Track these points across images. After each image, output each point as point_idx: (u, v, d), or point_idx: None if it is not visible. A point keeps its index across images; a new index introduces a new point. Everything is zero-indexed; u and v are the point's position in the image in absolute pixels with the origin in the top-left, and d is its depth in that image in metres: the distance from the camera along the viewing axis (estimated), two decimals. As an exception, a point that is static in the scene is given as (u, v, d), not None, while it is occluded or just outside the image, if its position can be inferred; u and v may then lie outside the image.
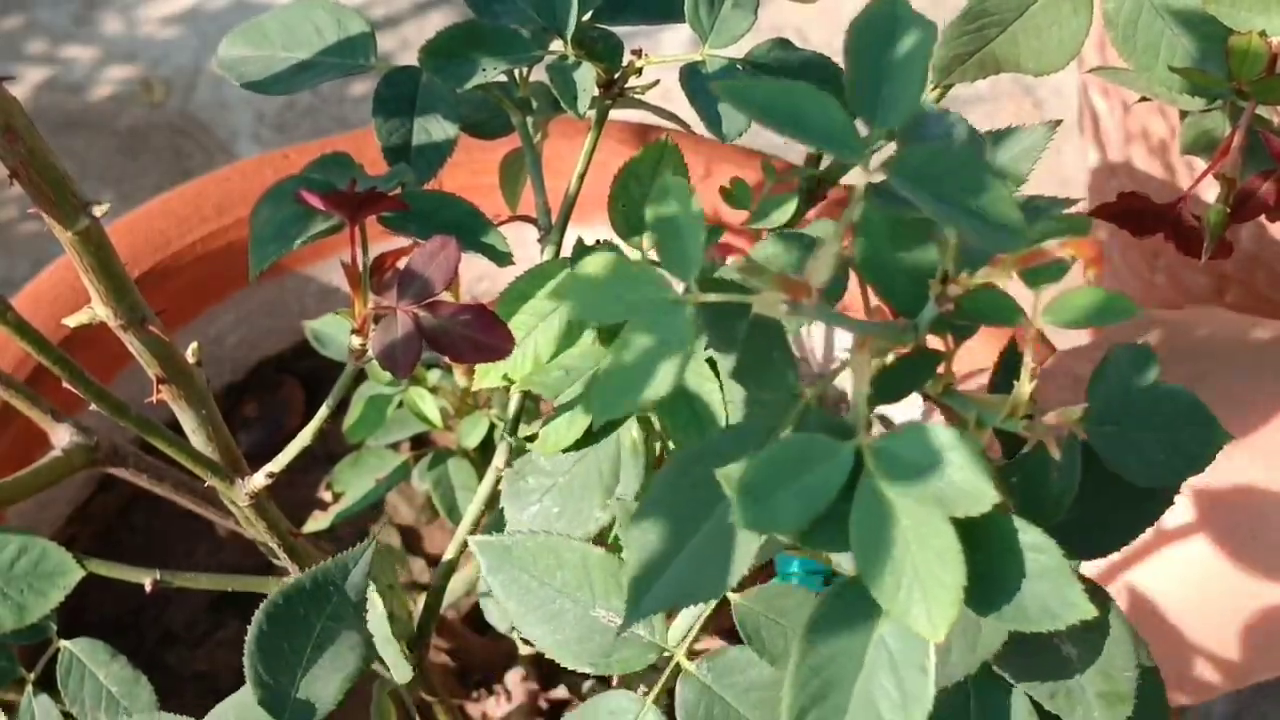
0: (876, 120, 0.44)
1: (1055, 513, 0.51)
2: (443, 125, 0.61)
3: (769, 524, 0.43)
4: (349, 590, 0.58)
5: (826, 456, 0.44)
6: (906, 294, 0.48)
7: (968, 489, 0.42)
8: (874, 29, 0.45)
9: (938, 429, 0.43)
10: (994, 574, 0.45)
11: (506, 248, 0.59)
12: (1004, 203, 0.43)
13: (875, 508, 0.43)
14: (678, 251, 0.44)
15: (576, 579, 0.59)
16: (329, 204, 0.54)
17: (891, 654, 0.46)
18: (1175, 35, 0.54)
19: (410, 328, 0.53)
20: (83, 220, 0.54)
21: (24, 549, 0.63)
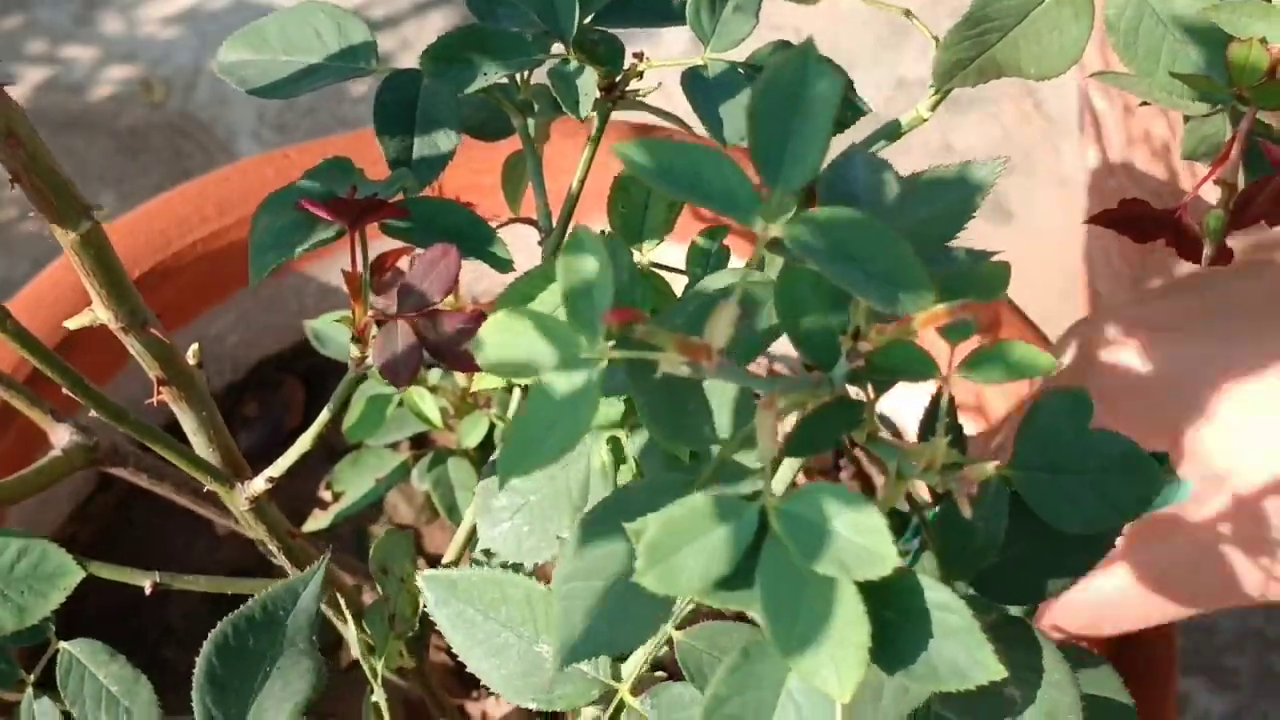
0: (780, 181, 0.44)
1: (979, 561, 0.51)
2: (445, 133, 0.61)
3: (672, 583, 0.43)
4: (299, 615, 0.58)
5: (731, 517, 0.44)
6: (820, 348, 0.48)
7: (869, 552, 0.42)
8: (780, 87, 0.45)
9: (840, 490, 0.43)
10: (901, 633, 0.45)
11: (507, 254, 0.59)
12: (907, 265, 0.43)
13: (780, 568, 0.43)
14: (585, 309, 0.43)
15: (521, 614, 0.59)
16: (329, 212, 0.54)
17: (800, 710, 0.46)
18: (1177, 41, 0.54)
19: (410, 337, 0.53)
20: (84, 224, 0.54)
21: (24, 551, 0.63)
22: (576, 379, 0.42)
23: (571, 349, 0.43)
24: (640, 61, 0.63)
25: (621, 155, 0.43)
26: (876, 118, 0.64)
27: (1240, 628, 1.22)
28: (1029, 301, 0.93)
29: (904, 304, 0.43)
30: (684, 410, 0.48)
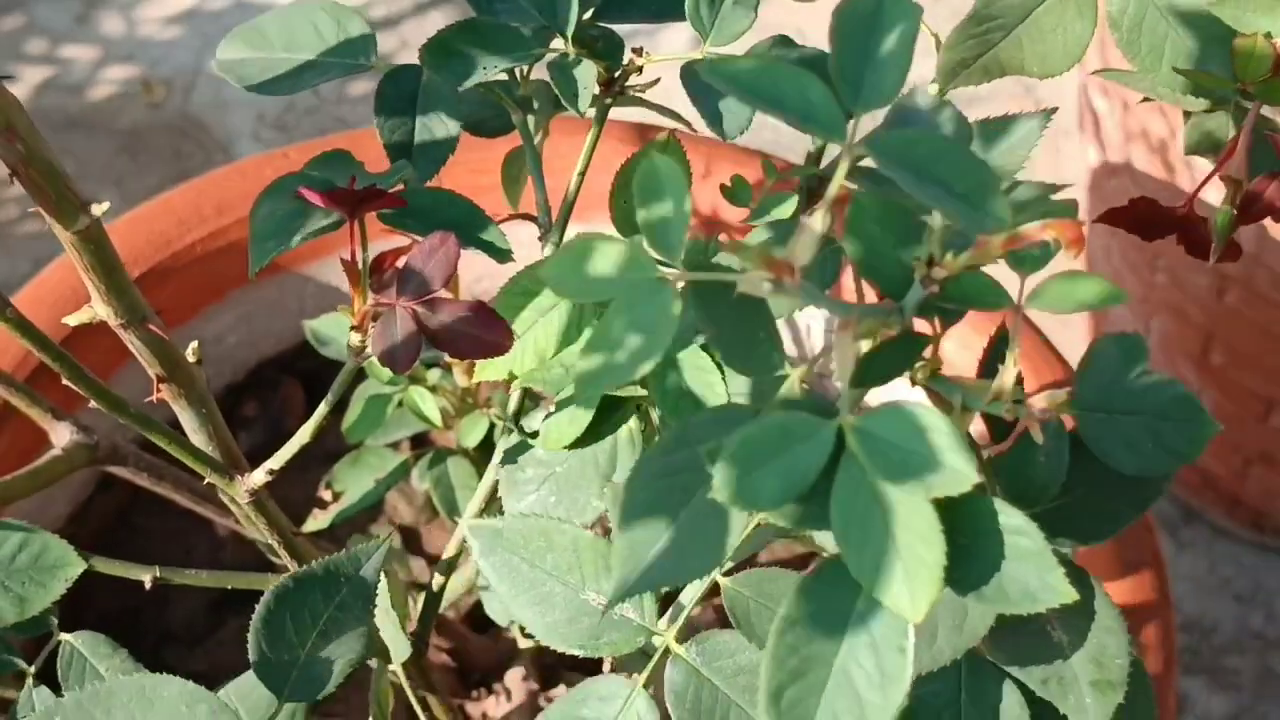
0: (859, 102, 0.45)
1: (1042, 498, 0.51)
2: (445, 123, 0.61)
3: (750, 500, 0.43)
4: (359, 582, 0.58)
5: (808, 435, 0.44)
6: (892, 277, 0.48)
7: (949, 470, 0.43)
8: (859, 13, 0.46)
9: (920, 409, 0.43)
10: (975, 555, 0.46)
11: (506, 245, 0.59)
12: (986, 186, 0.43)
13: (856, 487, 0.44)
14: (663, 231, 0.44)
15: (566, 562, 0.59)
16: (329, 200, 0.54)
17: (871, 634, 0.46)
18: (1179, 37, 0.54)
19: (410, 324, 0.53)
20: (82, 219, 0.54)
21: (25, 543, 0.63)
22: (656, 299, 0.43)
23: (650, 270, 0.43)
24: (639, 57, 0.63)
25: (707, 69, 0.44)
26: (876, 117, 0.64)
27: (1240, 628, 1.22)
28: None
29: (986, 223, 0.43)
30: (754, 338, 0.49)
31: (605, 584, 0.59)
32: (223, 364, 1.05)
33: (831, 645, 0.46)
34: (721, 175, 0.93)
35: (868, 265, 0.48)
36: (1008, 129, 0.55)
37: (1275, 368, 1.09)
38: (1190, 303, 1.10)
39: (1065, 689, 0.52)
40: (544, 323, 0.60)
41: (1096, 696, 0.52)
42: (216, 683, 0.96)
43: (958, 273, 0.46)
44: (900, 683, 0.45)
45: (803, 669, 0.46)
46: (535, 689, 0.92)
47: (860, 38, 0.45)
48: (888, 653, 0.46)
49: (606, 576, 0.59)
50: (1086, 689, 0.52)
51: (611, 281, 0.43)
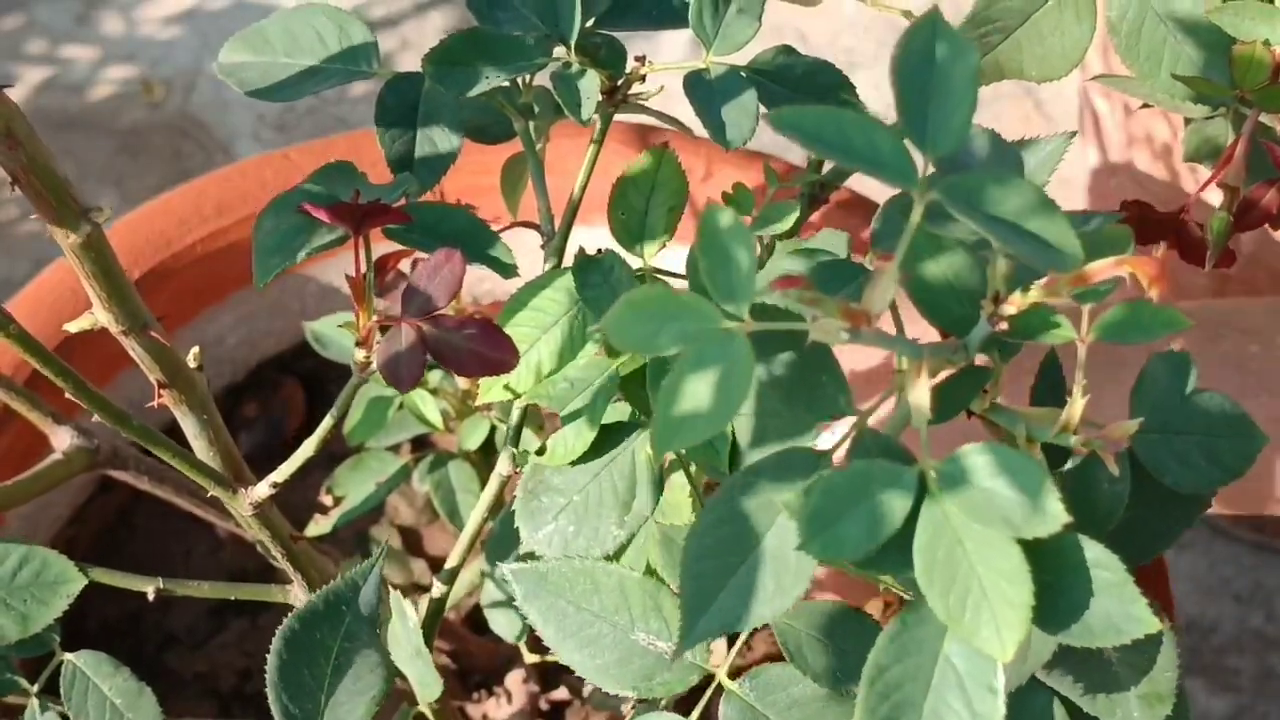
0: (926, 145, 0.45)
1: (1108, 523, 0.51)
2: (446, 134, 0.61)
3: (834, 551, 0.44)
4: (361, 607, 0.58)
5: (890, 482, 0.44)
6: (955, 315, 0.48)
7: (1039, 511, 0.43)
8: (914, 54, 0.45)
9: (1002, 450, 0.44)
10: (1060, 591, 0.46)
11: (511, 259, 0.59)
12: (1059, 225, 0.43)
13: (940, 531, 0.44)
14: (727, 280, 0.44)
15: (614, 603, 0.59)
16: (333, 217, 0.54)
17: (959, 674, 0.46)
18: (1178, 43, 0.54)
19: (414, 342, 0.53)
20: (84, 226, 0.54)
21: (26, 559, 0.63)
22: (724, 351, 0.43)
23: (715, 320, 0.43)
24: (642, 65, 0.63)
25: (774, 119, 0.43)
26: (878, 119, 0.64)
27: (1240, 628, 1.22)
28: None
29: (1061, 262, 0.43)
30: (818, 383, 0.49)
31: (655, 624, 0.59)
32: (223, 364, 1.05)
33: (920, 689, 0.46)
34: (722, 177, 0.93)
35: (929, 303, 0.48)
36: (1031, 150, 0.56)
37: (1275, 369, 1.09)
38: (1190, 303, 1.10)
39: (1114, 704, 0.52)
40: (546, 339, 0.60)
41: (1144, 710, 0.52)
42: (218, 684, 0.97)
43: (1025, 309, 0.46)
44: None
45: (894, 715, 0.46)
46: (536, 691, 0.92)
47: (920, 79, 0.45)
48: (977, 692, 0.46)
49: (656, 616, 0.59)
50: (1135, 703, 0.52)
51: (677, 335, 0.43)
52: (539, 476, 0.62)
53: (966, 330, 0.47)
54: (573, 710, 0.93)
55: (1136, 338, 0.46)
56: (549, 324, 0.60)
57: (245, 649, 0.98)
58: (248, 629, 0.98)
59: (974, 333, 0.47)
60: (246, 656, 0.98)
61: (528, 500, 0.62)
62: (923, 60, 0.45)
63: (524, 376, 0.60)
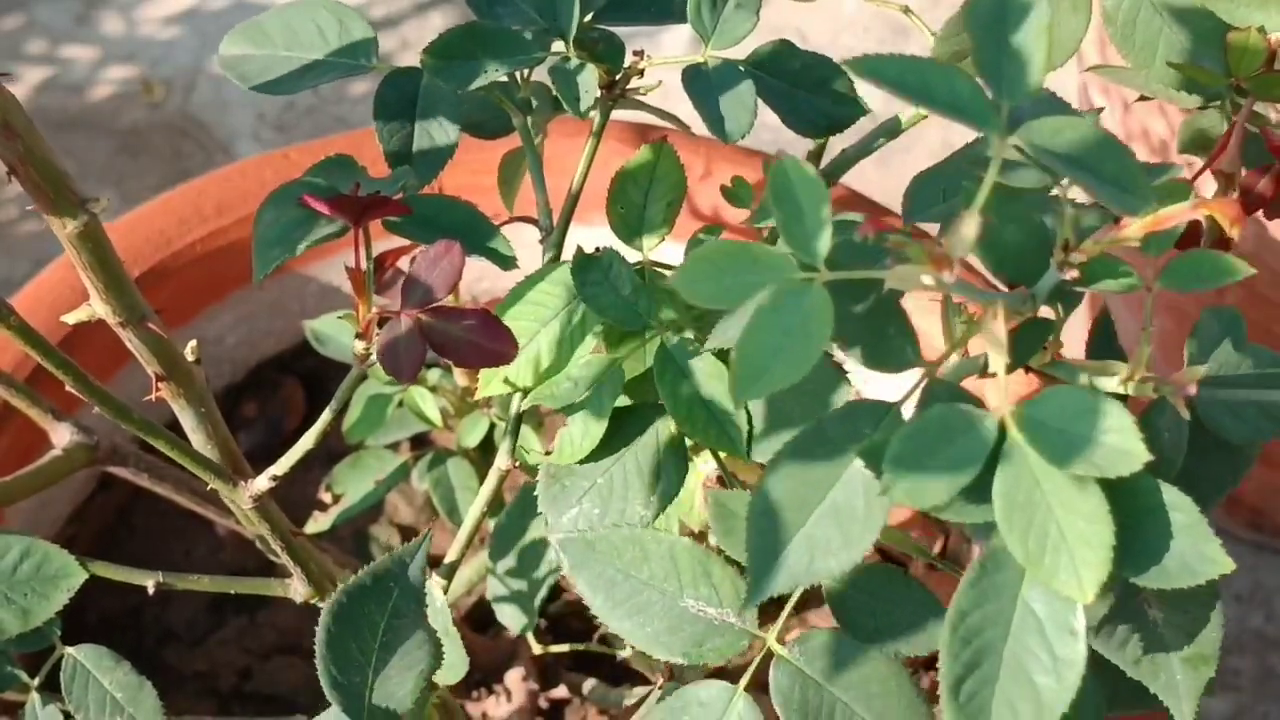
0: (1004, 93, 0.45)
1: (1169, 470, 0.52)
2: (444, 128, 0.62)
3: (918, 497, 0.44)
4: (407, 586, 0.58)
5: (969, 426, 0.45)
6: (1023, 265, 0.49)
7: (1120, 451, 0.43)
8: (986, 6, 0.46)
9: (1080, 393, 0.44)
10: (1138, 533, 0.46)
11: (510, 252, 0.59)
12: (1132, 171, 0.44)
13: (1020, 475, 0.44)
14: (801, 234, 0.44)
15: (664, 570, 0.59)
16: (333, 209, 0.54)
17: (1039, 619, 0.47)
18: (1173, 32, 0.54)
19: (414, 333, 0.53)
20: (81, 217, 0.54)
21: (26, 553, 0.63)
22: (804, 300, 0.43)
23: (791, 272, 0.44)
24: (641, 59, 0.63)
25: (854, 66, 0.44)
26: (876, 117, 0.64)
27: (1240, 628, 1.22)
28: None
29: (1138, 205, 0.44)
30: (885, 334, 0.49)
31: (704, 590, 0.59)
32: (223, 364, 1.05)
33: (1000, 634, 0.47)
34: (721, 175, 0.93)
35: (996, 255, 0.49)
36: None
37: (1275, 367, 1.09)
38: (1190, 303, 1.10)
39: (1157, 668, 0.52)
40: (545, 333, 0.60)
41: (1187, 672, 0.52)
42: (217, 681, 0.97)
43: (1095, 257, 0.47)
44: (1075, 665, 0.46)
45: (976, 660, 0.47)
46: (535, 689, 0.92)
47: (994, 30, 0.46)
48: (1058, 636, 0.46)
49: (705, 583, 0.59)
50: (1178, 665, 0.52)
51: (751, 285, 0.44)
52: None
53: (1035, 279, 0.48)
54: (572, 708, 0.93)
55: (1198, 285, 0.46)
56: (548, 317, 0.60)
57: (245, 646, 0.98)
58: (246, 626, 0.99)
59: (1042, 281, 0.48)
60: (246, 653, 0.98)
61: (550, 484, 0.62)
62: (994, 11, 0.46)
63: (523, 369, 0.60)
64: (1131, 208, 0.44)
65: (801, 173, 0.45)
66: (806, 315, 0.43)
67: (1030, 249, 0.49)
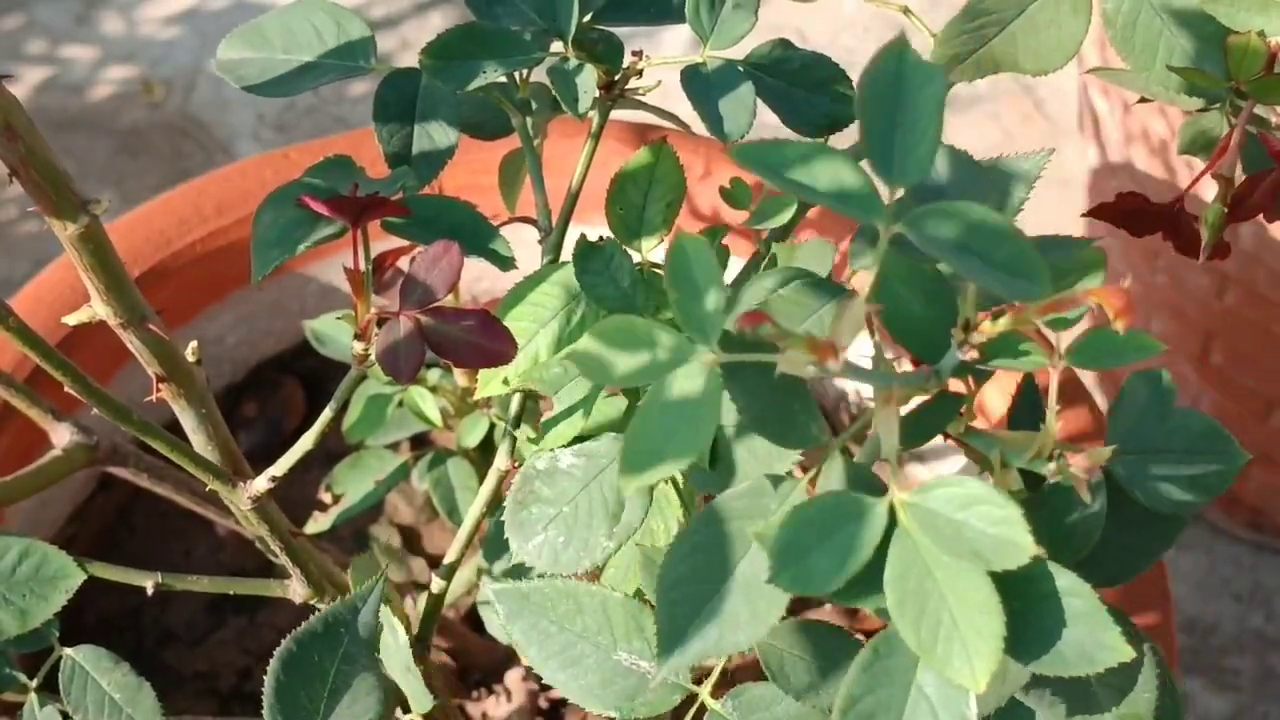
0: (893, 177, 0.44)
1: (1082, 548, 0.51)
2: (444, 129, 0.61)
3: (805, 584, 0.43)
4: (360, 630, 0.58)
5: (859, 514, 0.44)
6: (927, 343, 0.48)
7: (1005, 542, 0.43)
8: (881, 81, 0.45)
9: (970, 481, 0.43)
10: (1032, 621, 0.46)
11: (509, 252, 0.59)
12: (1025, 254, 0.43)
13: (910, 563, 0.44)
14: (697, 314, 0.44)
15: (597, 623, 0.59)
16: (332, 210, 0.54)
17: (932, 704, 0.46)
18: (1173, 35, 0.54)
19: (413, 333, 0.53)
20: (82, 218, 0.54)
21: (25, 554, 0.63)
22: (694, 384, 0.43)
23: (686, 353, 0.43)
24: (640, 60, 0.63)
25: (739, 157, 0.43)
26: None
27: (1240, 628, 1.22)
28: (1028, 300, 0.92)
29: (1028, 292, 0.43)
30: (790, 412, 0.49)
31: (638, 644, 0.59)
32: (223, 364, 1.05)
33: (893, 718, 0.46)
34: (721, 175, 0.93)
35: (900, 330, 0.48)
36: (1007, 168, 0.55)
37: (1275, 367, 1.09)
38: (1190, 303, 1.10)
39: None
40: (544, 333, 0.60)
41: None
42: (217, 682, 0.97)
43: (995, 336, 0.46)
44: None
45: None
46: (535, 689, 0.92)
47: (887, 107, 0.45)
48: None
49: (639, 636, 0.59)
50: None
51: (648, 366, 0.43)
52: (528, 488, 0.62)
53: (938, 357, 0.47)
54: (571, 708, 0.93)
55: (1109, 363, 0.46)
56: (547, 318, 0.60)
57: (244, 646, 0.98)
58: (246, 626, 0.99)
59: (945, 360, 0.47)
60: (246, 654, 0.98)
61: (517, 511, 0.62)
62: (890, 86, 0.45)
63: (522, 370, 0.60)
64: (1023, 294, 0.43)
65: (700, 252, 0.44)
66: (698, 399, 0.42)
67: (935, 324, 0.48)
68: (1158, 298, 1.13)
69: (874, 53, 0.45)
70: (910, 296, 0.48)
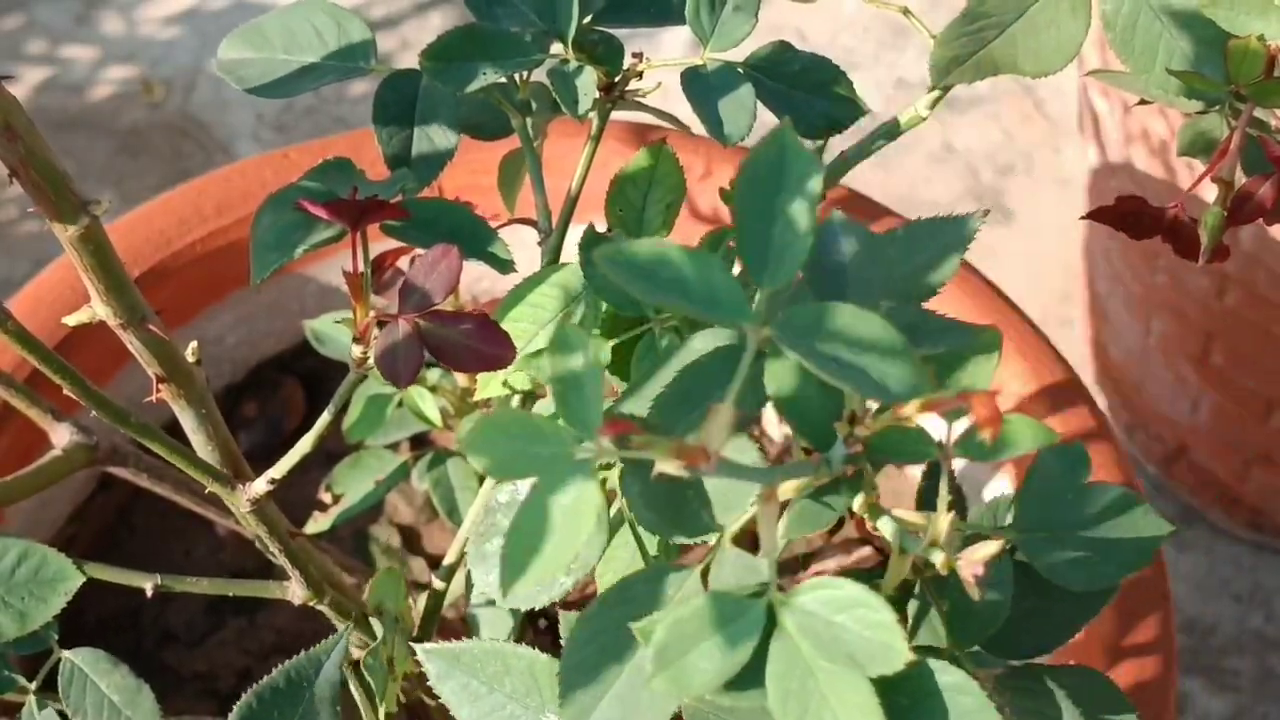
0: (765, 280, 0.44)
1: (988, 628, 0.51)
2: (443, 130, 0.62)
3: (684, 684, 0.43)
4: (323, 685, 0.58)
5: (739, 614, 0.44)
6: (818, 432, 0.47)
7: (881, 646, 0.42)
8: (761, 172, 0.44)
9: (848, 583, 0.43)
10: (919, 718, 0.45)
11: (508, 255, 0.59)
12: (897, 357, 0.43)
13: (791, 662, 0.43)
14: (579, 408, 0.43)
15: (525, 685, 0.58)
16: (331, 212, 0.54)
17: None
18: (1173, 38, 0.54)
19: (412, 337, 0.53)
20: (82, 219, 0.54)
21: (24, 556, 0.63)
22: (574, 483, 0.42)
23: (567, 448, 0.42)
24: (639, 61, 0.63)
25: (599, 258, 0.42)
26: (876, 118, 0.64)
27: (1240, 628, 1.22)
28: (1029, 301, 0.93)
29: (897, 395, 0.42)
30: (682, 501, 0.48)
31: None
32: (223, 364, 1.05)
33: None
34: (721, 175, 0.93)
35: (792, 418, 0.48)
36: (929, 237, 0.54)
37: (1275, 368, 1.09)
38: (1190, 303, 1.10)
39: None
40: (544, 335, 0.60)
41: None
42: (216, 683, 0.97)
43: (880, 430, 0.46)
44: None
45: None
46: (535, 689, 0.92)
47: (764, 200, 0.44)
48: None
49: None
50: None
51: (531, 458, 0.42)
52: (490, 520, 0.62)
53: (828, 446, 0.47)
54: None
55: (1001, 455, 0.45)
56: (546, 320, 0.60)
57: (244, 647, 0.98)
58: (246, 627, 0.99)
59: (833, 451, 0.47)
60: (245, 655, 0.98)
61: (480, 544, 0.62)
62: (768, 178, 0.44)
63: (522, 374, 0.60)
64: (886, 398, 0.42)
65: (581, 342, 0.43)
66: (577, 496, 0.42)
67: (827, 413, 0.47)
68: (1158, 298, 1.13)
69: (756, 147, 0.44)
70: (799, 387, 0.47)
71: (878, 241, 0.50)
